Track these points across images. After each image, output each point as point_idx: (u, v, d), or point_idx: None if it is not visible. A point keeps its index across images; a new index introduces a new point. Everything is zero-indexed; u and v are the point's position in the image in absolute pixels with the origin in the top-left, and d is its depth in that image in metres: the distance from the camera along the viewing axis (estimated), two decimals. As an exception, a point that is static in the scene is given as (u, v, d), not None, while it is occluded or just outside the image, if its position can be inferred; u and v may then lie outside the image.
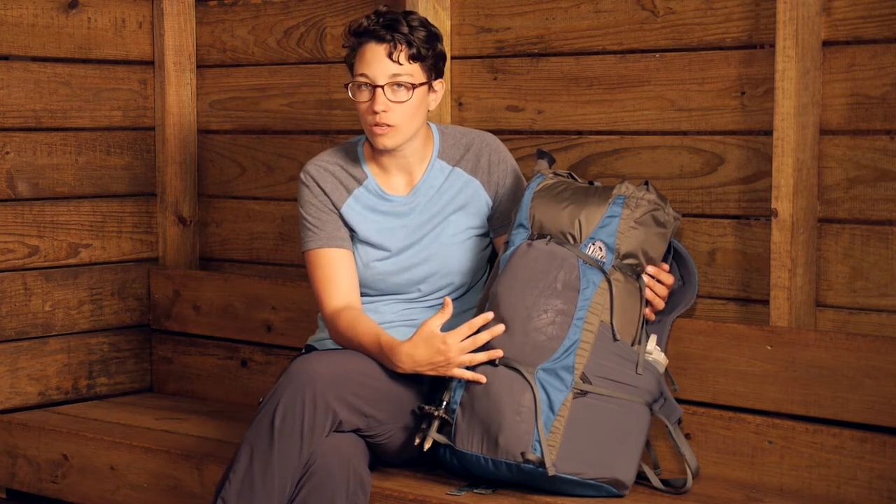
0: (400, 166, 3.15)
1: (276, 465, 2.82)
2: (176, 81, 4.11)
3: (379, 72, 3.01)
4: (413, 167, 3.15)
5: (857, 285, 3.02)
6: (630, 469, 2.87)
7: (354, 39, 3.06)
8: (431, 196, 3.15)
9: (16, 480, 3.71)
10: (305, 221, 3.15)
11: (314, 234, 3.13)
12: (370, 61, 3.02)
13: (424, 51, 3.03)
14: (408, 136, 3.07)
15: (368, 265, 3.14)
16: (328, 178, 3.15)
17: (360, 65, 3.03)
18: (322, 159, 3.18)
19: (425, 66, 3.05)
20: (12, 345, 3.86)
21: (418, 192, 3.15)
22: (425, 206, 3.14)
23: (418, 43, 3.01)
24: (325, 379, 2.87)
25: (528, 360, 2.86)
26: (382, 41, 3.01)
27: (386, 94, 3.01)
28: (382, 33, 3.01)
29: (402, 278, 3.14)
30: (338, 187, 3.15)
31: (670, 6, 3.23)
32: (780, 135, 3.00)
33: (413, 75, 3.03)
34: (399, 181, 3.17)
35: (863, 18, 2.97)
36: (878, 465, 2.87)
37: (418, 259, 3.14)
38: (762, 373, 2.99)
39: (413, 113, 3.04)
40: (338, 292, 3.10)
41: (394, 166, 3.15)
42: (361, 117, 3.06)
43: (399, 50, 3.00)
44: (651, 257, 2.97)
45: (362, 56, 3.03)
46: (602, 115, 3.36)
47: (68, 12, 3.92)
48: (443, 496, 2.90)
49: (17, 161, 3.85)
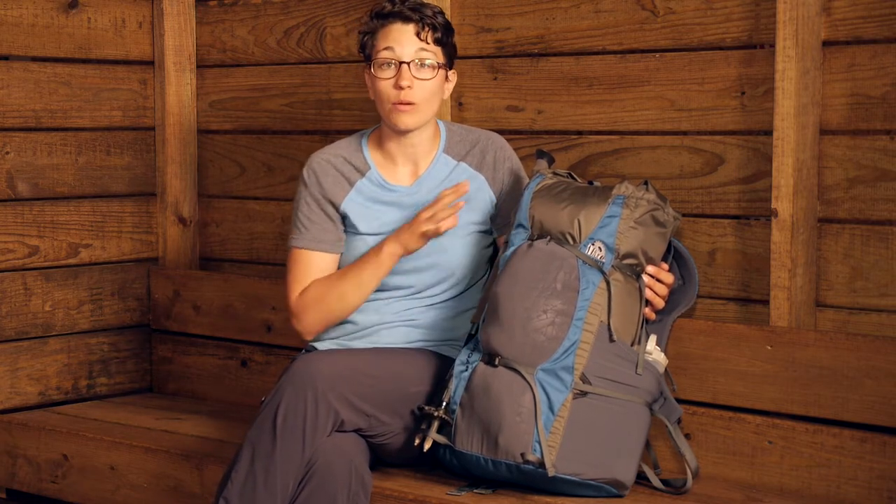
0: (407, 156, 3.16)
1: (278, 464, 2.82)
2: (176, 81, 4.11)
3: (406, 48, 3.06)
4: (419, 158, 3.16)
5: (857, 285, 3.02)
6: (630, 469, 2.87)
7: (377, 22, 3.10)
8: (434, 188, 3.15)
9: (16, 480, 3.71)
10: (297, 215, 3.18)
11: (300, 233, 3.16)
12: (397, 38, 3.06)
13: (446, 37, 3.10)
14: (426, 118, 3.10)
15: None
16: (330, 172, 3.16)
17: (385, 41, 3.07)
18: (326, 152, 3.20)
19: (445, 51, 3.11)
20: (12, 345, 3.86)
21: (422, 183, 3.16)
22: (428, 199, 3.14)
23: (441, 28, 3.09)
24: (327, 378, 2.87)
25: (527, 360, 2.86)
26: (410, 21, 3.07)
27: (412, 70, 3.04)
28: (409, 14, 3.07)
29: (402, 268, 3.14)
30: (339, 180, 3.16)
31: (670, 6, 3.23)
32: (780, 135, 3.00)
33: (437, 56, 3.08)
34: (404, 172, 3.17)
35: (863, 18, 2.97)
36: (878, 465, 2.87)
37: (420, 251, 3.13)
38: (762, 373, 2.99)
39: (433, 93, 3.09)
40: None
41: (400, 155, 3.16)
42: (380, 97, 3.08)
43: (426, 30, 3.07)
44: (651, 257, 2.97)
45: (387, 34, 3.07)
46: (602, 115, 3.36)
47: (68, 12, 3.92)
48: (443, 496, 2.90)
49: (17, 161, 3.85)
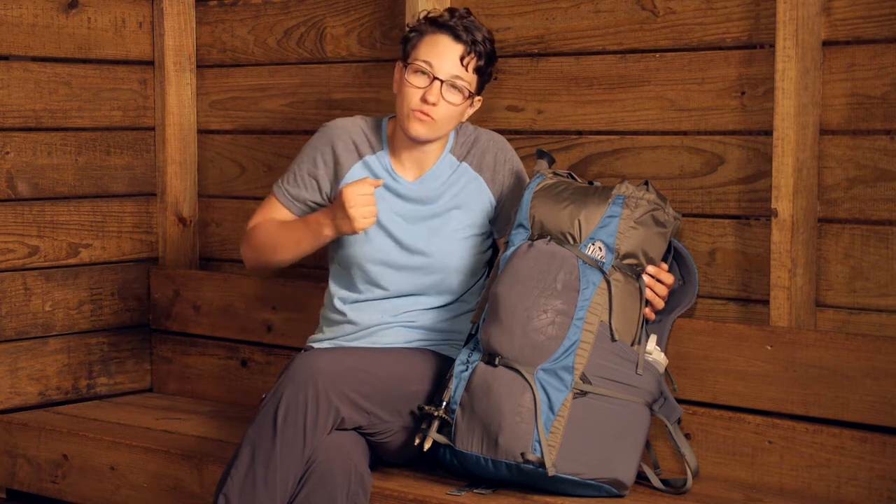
0: (413, 159, 3.16)
1: (279, 462, 2.82)
2: (176, 81, 4.11)
3: (446, 67, 3.04)
4: (425, 162, 3.17)
5: (857, 285, 3.02)
6: (630, 469, 2.87)
7: (428, 27, 3.08)
8: (436, 188, 3.15)
9: (16, 480, 3.71)
10: (297, 163, 3.22)
11: (287, 185, 3.22)
12: (441, 53, 3.04)
13: (487, 66, 3.09)
14: (439, 134, 3.10)
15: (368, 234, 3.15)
16: (344, 138, 3.19)
17: (427, 52, 3.05)
18: (347, 120, 3.23)
19: (480, 81, 3.10)
20: (12, 345, 3.86)
21: (424, 182, 3.16)
22: (429, 198, 3.15)
23: (485, 58, 3.07)
24: (328, 376, 2.87)
25: (527, 360, 2.86)
26: (460, 41, 3.04)
27: (443, 89, 3.03)
28: (461, 33, 3.04)
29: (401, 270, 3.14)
30: (350, 148, 3.17)
31: (670, 6, 3.23)
32: (780, 135, 3.00)
33: (471, 84, 3.06)
34: (409, 168, 3.19)
35: (863, 18, 2.97)
36: (878, 465, 2.87)
37: (416, 247, 3.13)
38: (762, 373, 2.99)
39: (454, 117, 3.08)
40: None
41: (407, 157, 3.16)
42: (403, 99, 3.06)
43: (471, 57, 3.04)
44: (651, 257, 2.97)
45: (433, 44, 3.05)
46: (602, 115, 3.36)
47: (68, 12, 3.92)
48: (443, 496, 2.90)
49: (17, 161, 3.85)
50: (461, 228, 3.16)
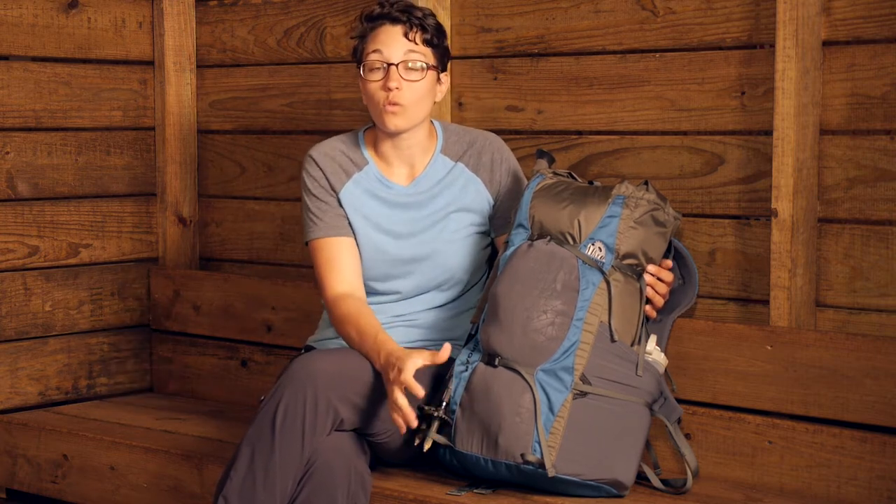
0: (402, 157, 3.16)
1: (278, 463, 2.82)
2: (176, 81, 4.11)
3: (394, 50, 3.05)
4: (415, 160, 3.16)
5: (857, 285, 3.02)
6: (630, 469, 2.87)
7: (367, 24, 3.11)
8: (432, 190, 3.15)
9: (16, 480, 3.71)
10: (307, 210, 3.17)
11: (315, 225, 3.14)
12: (385, 41, 3.06)
13: (436, 39, 3.09)
14: (415, 120, 3.09)
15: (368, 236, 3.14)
16: (328, 163, 3.17)
17: (374, 44, 3.07)
18: (324, 145, 3.20)
19: (436, 53, 3.11)
20: (12, 345, 3.86)
21: (419, 184, 3.16)
22: (426, 201, 3.14)
23: (431, 29, 3.09)
24: (327, 377, 2.87)
25: (527, 360, 2.86)
26: (398, 22, 3.07)
27: (400, 71, 3.04)
28: (398, 15, 3.07)
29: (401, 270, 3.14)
30: (337, 171, 3.16)
31: (670, 6, 3.23)
32: (780, 135, 3.00)
33: (426, 57, 3.07)
34: (401, 172, 3.17)
35: (863, 18, 2.97)
36: (878, 465, 2.87)
37: (418, 253, 3.13)
38: (762, 373, 2.99)
39: (422, 96, 3.07)
40: (340, 277, 3.11)
41: (395, 157, 3.16)
42: (370, 100, 3.08)
43: (414, 31, 3.06)
44: (651, 257, 2.97)
45: (376, 37, 3.08)
46: (602, 115, 3.36)
47: (68, 12, 3.92)
48: (443, 496, 2.90)
49: (17, 161, 3.85)
50: (462, 228, 3.16)
